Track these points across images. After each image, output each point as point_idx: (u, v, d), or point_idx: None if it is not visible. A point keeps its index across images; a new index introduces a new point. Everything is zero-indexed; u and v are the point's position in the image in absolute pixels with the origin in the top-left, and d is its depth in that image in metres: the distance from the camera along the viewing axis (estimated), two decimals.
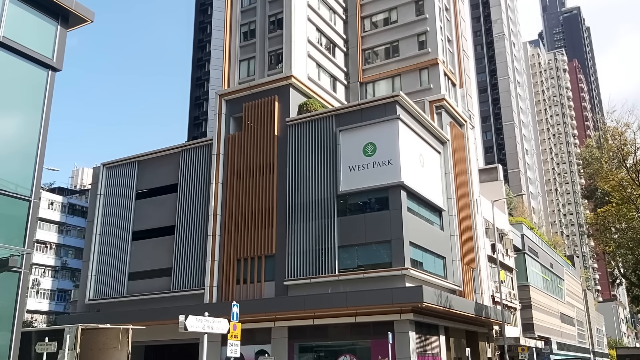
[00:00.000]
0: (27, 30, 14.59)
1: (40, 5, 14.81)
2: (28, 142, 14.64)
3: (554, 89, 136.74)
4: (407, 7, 46.25)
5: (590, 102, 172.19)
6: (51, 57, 14.93)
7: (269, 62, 41.54)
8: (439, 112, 37.16)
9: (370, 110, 31.00)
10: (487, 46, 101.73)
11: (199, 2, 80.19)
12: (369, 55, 47.07)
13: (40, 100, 14.84)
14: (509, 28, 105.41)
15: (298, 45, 40.56)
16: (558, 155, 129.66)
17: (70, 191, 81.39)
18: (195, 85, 77.91)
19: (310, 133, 32.06)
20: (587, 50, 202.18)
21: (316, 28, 43.63)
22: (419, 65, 43.91)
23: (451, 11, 49.94)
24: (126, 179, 38.42)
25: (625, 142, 28.46)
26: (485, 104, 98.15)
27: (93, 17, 15.48)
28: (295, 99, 33.87)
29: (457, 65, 48.12)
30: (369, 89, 45.95)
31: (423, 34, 44.76)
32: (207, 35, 77.54)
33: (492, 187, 48.40)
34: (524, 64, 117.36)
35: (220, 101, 35.50)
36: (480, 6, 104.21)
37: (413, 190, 30.19)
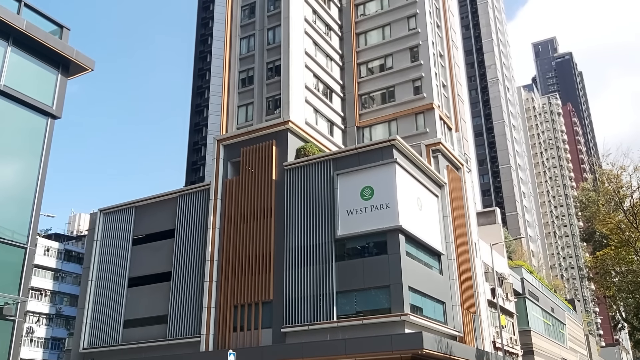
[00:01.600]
0: (27, 79, 14.82)
1: (42, 54, 15.08)
2: (26, 188, 14.66)
3: (549, 132, 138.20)
4: (402, 54, 47.15)
5: (586, 145, 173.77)
6: (51, 105, 15.12)
7: (266, 108, 42.05)
8: (436, 155, 37.41)
9: (367, 154, 31.18)
10: (481, 91, 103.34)
11: (198, 49, 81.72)
12: (365, 100, 47.70)
13: (39, 147, 14.95)
14: (503, 73, 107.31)
15: (295, 91, 41.14)
16: (555, 198, 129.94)
17: (67, 237, 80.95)
18: (193, 131, 78.57)
19: (307, 177, 32.16)
20: (581, 94, 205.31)
21: (313, 74, 44.35)
22: (414, 110, 44.47)
23: (445, 57, 50.90)
24: (123, 224, 38.27)
25: (622, 184, 28.61)
26: (482, 147, 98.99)
27: (93, 65, 15.76)
28: (292, 143, 34.11)
29: (453, 110, 48.73)
30: (366, 133, 46.37)
31: (418, 80, 45.50)
32: (206, 81, 78.72)
33: (491, 231, 48.28)
34: (518, 107, 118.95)
35: (218, 146, 35.72)
36: (474, 52, 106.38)
37: (411, 234, 30.08)
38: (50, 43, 14.67)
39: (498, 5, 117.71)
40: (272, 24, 43.78)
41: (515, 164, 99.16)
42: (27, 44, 14.53)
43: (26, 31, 14.25)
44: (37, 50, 14.95)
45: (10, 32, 14.15)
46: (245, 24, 45.41)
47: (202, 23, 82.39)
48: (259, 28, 44.55)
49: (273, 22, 43.79)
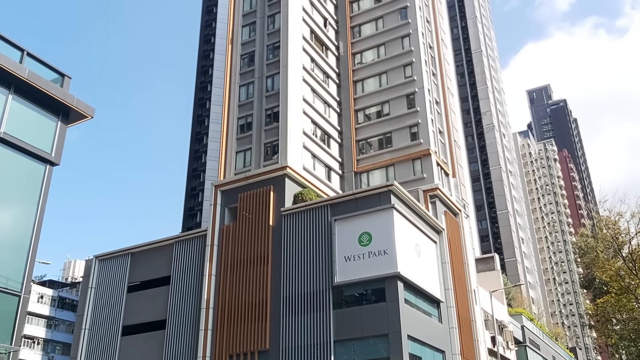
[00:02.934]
0: (27, 126, 14.94)
1: (42, 102, 15.26)
2: (21, 235, 14.57)
3: (546, 178, 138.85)
4: (398, 101, 47.82)
5: (583, 191, 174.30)
6: (50, 152, 15.19)
7: (264, 153, 42.29)
8: (433, 201, 37.45)
9: (365, 199, 31.20)
10: (477, 137, 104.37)
11: (198, 96, 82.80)
12: (362, 146, 48.07)
13: (36, 194, 14.94)
14: (499, 120, 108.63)
15: (293, 137, 41.48)
16: (554, 244, 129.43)
17: (61, 284, 79.95)
18: (191, 176, 78.78)
19: (305, 223, 32.06)
20: (576, 140, 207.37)
21: (311, 120, 44.82)
22: (412, 156, 44.76)
23: (441, 104, 51.61)
24: (118, 271, 37.88)
25: (619, 231, 28.58)
26: (479, 193, 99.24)
27: (93, 113, 15.92)
28: (290, 189, 34.17)
29: (449, 155, 49.07)
30: (364, 179, 46.54)
31: (415, 126, 45.99)
32: (205, 127, 79.46)
33: (490, 277, 47.86)
34: (514, 154, 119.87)
35: (216, 192, 35.74)
36: (470, 99, 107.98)
37: (410, 281, 29.79)
38: (51, 91, 14.86)
39: (492, 53, 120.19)
40: (271, 72, 44.52)
41: (513, 209, 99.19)
42: (28, 92, 14.72)
43: (28, 79, 14.46)
44: (38, 98, 15.13)
45: (12, 81, 14.36)
46: (245, 71, 46.17)
47: (202, 71, 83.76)
48: (257, 76, 45.28)
49: (272, 70, 44.53)
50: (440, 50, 55.73)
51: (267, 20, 46.87)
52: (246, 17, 48.41)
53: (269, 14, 46.99)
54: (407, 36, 50.11)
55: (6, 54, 14.22)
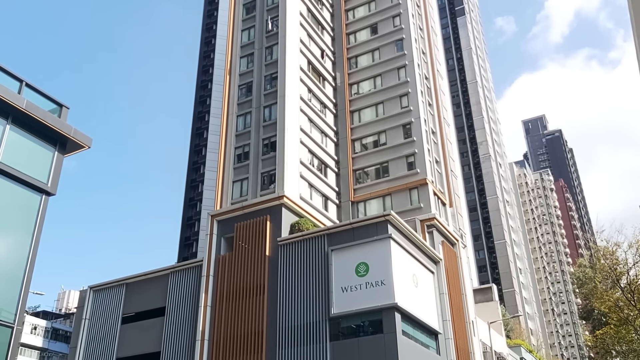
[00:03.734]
0: (24, 156, 14.95)
1: (40, 132, 15.31)
2: (16, 266, 14.44)
3: (543, 207, 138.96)
4: (395, 131, 48.13)
5: (580, 221, 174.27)
6: (46, 182, 15.17)
7: (261, 183, 42.31)
8: (430, 231, 37.35)
9: (362, 229, 31.09)
10: (474, 166, 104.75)
11: (196, 126, 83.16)
12: (359, 175, 48.17)
13: (31, 224, 14.86)
14: (495, 149, 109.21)
15: (290, 167, 41.56)
16: (552, 275, 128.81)
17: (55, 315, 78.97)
18: (188, 206, 78.58)
19: (302, 253, 31.87)
20: (572, 170, 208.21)
21: (308, 150, 44.98)
22: (408, 185, 44.86)
23: (437, 134, 51.95)
24: (113, 302, 37.46)
25: (617, 261, 28.49)
26: (476, 222, 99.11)
27: (90, 143, 15.96)
28: (287, 218, 34.07)
29: (446, 185, 49.18)
30: (361, 208, 46.51)
31: (412, 156, 46.20)
32: (202, 157, 79.60)
33: (488, 308, 47.45)
34: (511, 183, 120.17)
35: (212, 221, 35.61)
36: (466, 129, 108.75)
37: (407, 312, 29.50)
38: (49, 121, 14.93)
39: (487, 84, 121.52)
40: (269, 102, 44.85)
41: (510, 239, 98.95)
42: (26, 122, 14.79)
43: (26, 110, 14.54)
44: (36, 128, 15.18)
45: (10, 111, 14.43)
46: (242, 101, 46.51)
47: (200, 101, 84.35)
48: (255, 106, 45.61)
49: (269, 100, 44.87)
50: (436, 81, 56.36)
51: (265, 51, 47.43)
52: (244, 48, 49.00)
53: (267, 46, 47.57)
54: (403, 67, 50.74)
55: (5, 84, 14.33)
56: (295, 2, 49.54)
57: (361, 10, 56.59)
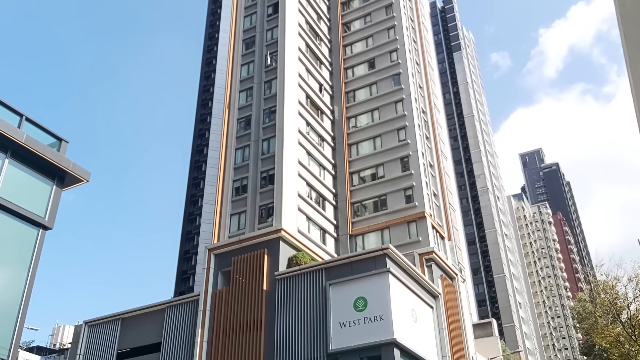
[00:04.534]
0: (22, 190, 14.94)
1: (38, 166, 15.33)
2: (10, 300, 14.27)
3: (541, 241, 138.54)
4: (393, 164, 48.30)
5: (579, 254, 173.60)
6: (43, 216, 15.12)
7: (259, 216, 42.20)
8: (429, 264, 37.14)
9: (360, 263, 30.90)
10: (472, 199, 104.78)
11: (194, 159, 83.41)
12: (357, 209, 48.12)
13: (27, 258, 14.75)
14: (492, 182, 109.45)
15: (288, 199, 41.54)
16: (552, 309, 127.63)
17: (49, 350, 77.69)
18: (185, 239, 78.19)
19: (299, 287, 31.60)
20: (570, 203, 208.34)
21: (306, 183, 45.03)
22: (407, 219, 44.78)
23: (435, 167, 52.13)
24: (108, 337, 36.92)
25: (617, 296, 28.28)
26: (475, 256, 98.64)
27: (89, 177, 15.97)
28: (284, 252, 33.89)
29: (445, 218, 49.11)
30: (359, 242, 46.32)
31: (410, 189, 46.26)
32: (200, 190, 79.58)
33: (488, 343, 46.88)
34: (509, 216, 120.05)
35: (209, 255, 35.40)
36: (463, 162, 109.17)
37: (406, 347, 29.10)
38: (48, 155, 14.97)
39: (484, 118, 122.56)
40: (267, 135, 45.08)
41: (509, 273, 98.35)
42: (25, 156, 14.83)
43: (25, 144, 14.60)
44: (35, 162, 15.21)
45: (10, 145, 14.49)
46: (241, 135, 46.75)
47: (199, 134, 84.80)
48: (254, 139, 45.83)
49: (268, 134, 45.12)
50: (433, 114, 56.86)
51: (264, 85, 47.92)
52: (244, 82, 49.52)
53: (266, 80, 48.08)
54: (400, 101, 51.24)
55: (5, 119, 14.43)
56: (294, 37, 50.30)
57: (359, 45, 57.47)
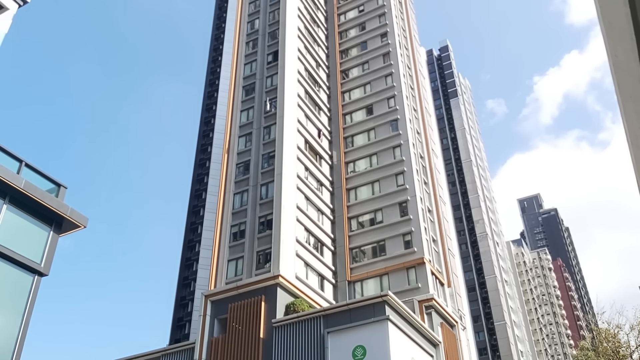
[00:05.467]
0: (19, 236, 14.86)
1: (36, 211, 15.31)
2: (4, 347, 14.00)
3: (542, 287, 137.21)
4: (391, 209, 48.28)
5: (580, 301, 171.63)
6: (39, 263, 15.00)
7: (257, 262, 41.88)
8: (429, 312, 36.66)
9: (359, 310, 30.53)
10: (471, 245, 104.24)
11: (192, 203, 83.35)
12: (356, 254, 47.81)
13: (22, 304, 14.55)
14: (491, 228, 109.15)
15: (286, 245, 41.31)
16: (554, 357, 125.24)
17: None
18: (181, 285, 77.32)
19: (297, 335, 31.09)
20: (569, 249, 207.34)
21: (304, 228, 44.87)
22: (406, 264, 44.44)
23: (434, 212, 52.10)
24: None
25: (620, 344, 27.82)
26: (475, 303, 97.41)
27: (86, 222, 15.93)
28: (282, 298, 33.49)
29: (444, 264, 48.75)
30: (357, 288, 45.82)
31: (408, 234, 46.08)
32: (198, 235, 79.18)
33: None
34: (509, 262, 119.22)
35: (206, 302, 34.96)
36: (462, 207, 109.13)
37: None
38: (46, 201, 14.98)
39: (482, 163, 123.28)
40: (266, 180, 45.22)
41: (510, 320, 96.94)
42: (23, 202, 14.82)
43: (24, 190, 14.62)
44: (32, 208, 15.20)
45: (8, 191, 14.50)
46: (240, 180, 46.88)
47: (198, 179, 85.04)
48: (252, 184, 45.94)
49: (266, 178, 45.26)
50: (431, 159, 57.23)
51: (263, 131, 48.37)
52: (243, 128, 50.01)
53: (265, 125, 48.57)
54: (398, 146, 51.65)
55: (5, 164, 14.49)
56: (294, 84, 51.10)
57: (357, 92, 58.36)
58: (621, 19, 3.99)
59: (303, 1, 60.04)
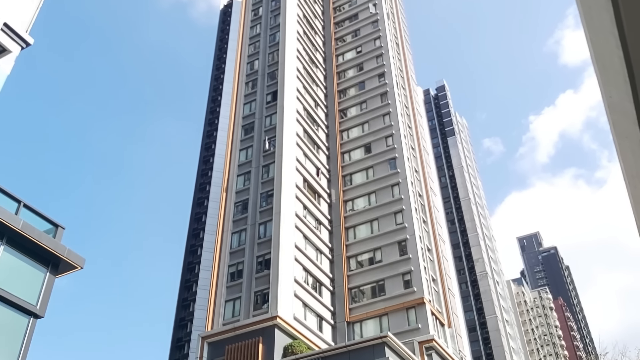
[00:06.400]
0: (15, 277, 14.74)
1: (33, 252, 15.21)
2: None
3: (543, 327, 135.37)
4: (390, 248, 48.01)
5: (582, 341, 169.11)
6: (35, 305, 14.83)
7: (254, 302, 41.37)
8: (430, 353, 36.09)
9: (358, 352, 30.03)
10: (471, 284, 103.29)
11: (190, 242, 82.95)
12: (355, 294, 47.29)
13: (17, 347, 14.32)
14: (491, 267, 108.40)
15: (284, 285, 40.89)
16: None
17: None
18: (178, 326, 76.25)
19: None
20: (570, 288, 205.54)
21: (303, 267, 44.52)
22: (405, 305, 43.91)
23: (433, 251, 51.82)
24: None
25: None
26: (476, 343, 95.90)
27: (83, 263, 15.81)
28: (280, 340, 32.98)
29: (444, 304, 48.20)
30: (357, 329, 45.15)
31: (408, 274, 45.69)
32: (195, 275, 78.52)
33: None
34: (509, 302, 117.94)
35: (202, 343, 34.42)
36: (461, 246, 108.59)
37: None
38: (44, 242, 14.90)
39: (480, 201, 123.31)
40: (264, 219, 45.08)
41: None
42: (20, 243, 14.74)
43: (21, 231, 14.56)
44: (30, 249, 15.12)
45: (6, 232, 14.44)
46: (238, 219, 46.75)
47: (196, 217, 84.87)
48: (250, 223, 45.79)
49: (265, 217, 45.13)
50: (430, 197, 57.27)
51: (262, 169, 48.52)
52: (242, 166, 50.17)
53: (264, 164, 48.75)
54: (396, 185, 51.74)
55: (3, 205, 14.46)
56: (292, 123, 51.54)
57: (355, 131, 58.80)
58: (614, 61, 4.06)
59: (302, 43, 61.11)
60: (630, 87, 4.03)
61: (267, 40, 59.37)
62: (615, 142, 4.43)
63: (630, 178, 4.71)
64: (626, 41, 3.80)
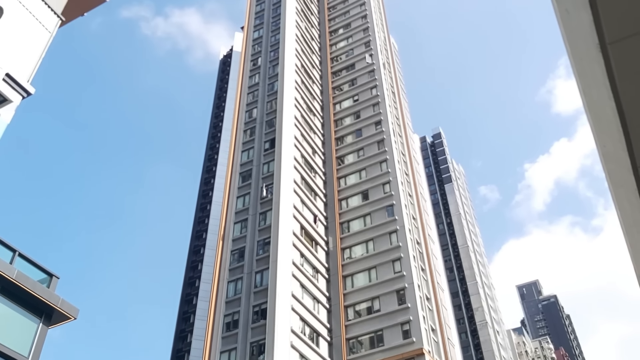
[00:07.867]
0: (7, 327, 14.46)
1: (27, 302, 14.97)
2: None
3: None
4: (389, 297, 47.40)
5: None
6: (27, 356, 14.50)
7: (250, 354, 40.51)
8: None
9: None
10: (471, 334, 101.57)
11: (185, 291, 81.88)
12: (353, 345, 46.40)
13: None
14: (491, 316, 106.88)
15: (281, 336, 40.14)
16: None
17: None
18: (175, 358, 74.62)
19: None
20: (572, 337, 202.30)
21: (300, 317, 43.81)
22: (405, 355, 43.05)
23: (432, 300, 51.17)
24: None
25: None
26: None
27: (77, 314, 15.55)
28: None
29: (444, 355, 47.26)
30: None
31: (407, 323, 44.98)
32: (190, 325, 77.02)
33: None
34: (510, 352, 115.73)
35: None
36: (460, 295, 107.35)
37: None
38: (37, 292, 14.69)
39: (478, 249, 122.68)
40: (261, 267, 44.68)
41: None
42: (14, 292, 14.54)
43: (15, 280, 14.38)
44: (23, 299, 14.88)
45: None
46: (234, 267, 46.32)
47: (192, 266, 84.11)
48: (247, 271, 45.34)
49: (261, 266, 44.73)
50: (428, 245, 56.99)
51: (259, 217, 48.39)
52: (239, 214, 50.06)
53: (261, 211, 48.66)
54: (394, 232, 51.53)
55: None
56: (290, 171, 51.74)
57: (352, 177, 59.00)
58: (607, 112, 4.14)
59: (300, 91, 62.05)
60: (623, 136, 4.08)
61: (266, 89, 60.31)
62: (611, 190, 4.45)
63: (628, 227, 4.71)
64: (618, 92, 3.88)
